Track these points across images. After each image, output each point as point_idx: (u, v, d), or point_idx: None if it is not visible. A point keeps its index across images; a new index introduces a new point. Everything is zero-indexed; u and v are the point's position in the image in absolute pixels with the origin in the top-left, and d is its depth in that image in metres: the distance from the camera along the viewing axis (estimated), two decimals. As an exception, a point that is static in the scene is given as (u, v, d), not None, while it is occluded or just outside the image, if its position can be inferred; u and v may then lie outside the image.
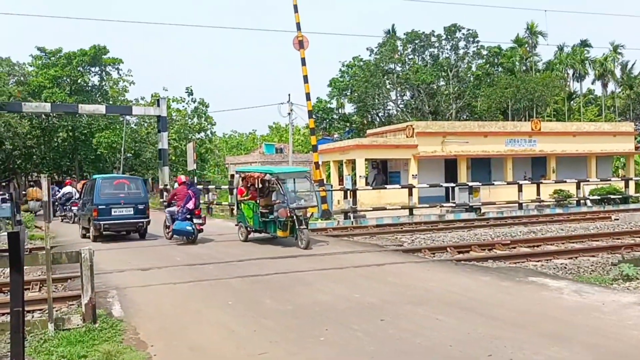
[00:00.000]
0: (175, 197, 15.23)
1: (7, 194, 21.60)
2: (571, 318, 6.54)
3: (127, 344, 5.97)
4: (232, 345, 5.86)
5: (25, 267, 4.90)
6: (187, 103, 47.80)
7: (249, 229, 14.51)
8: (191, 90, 46.47)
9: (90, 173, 47.93)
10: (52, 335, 6.13)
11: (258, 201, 14.03)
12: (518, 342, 5.60)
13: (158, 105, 33.58)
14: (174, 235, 14.77)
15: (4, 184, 40.04)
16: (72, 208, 21.90)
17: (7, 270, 5.50)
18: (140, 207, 16.05)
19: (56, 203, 21.08)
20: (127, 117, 42.61)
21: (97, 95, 47.11)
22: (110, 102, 44.34)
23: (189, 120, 47.87)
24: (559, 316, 6.64)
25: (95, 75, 47.71)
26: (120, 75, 48.67)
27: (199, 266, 10.90)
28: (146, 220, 16.05)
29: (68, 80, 45.14)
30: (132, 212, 15.85)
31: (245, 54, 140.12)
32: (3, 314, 7.25)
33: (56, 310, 7.14)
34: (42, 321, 6.47)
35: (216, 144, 52.36)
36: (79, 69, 44.84)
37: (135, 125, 47.98)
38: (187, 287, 9.01)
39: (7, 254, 4.46)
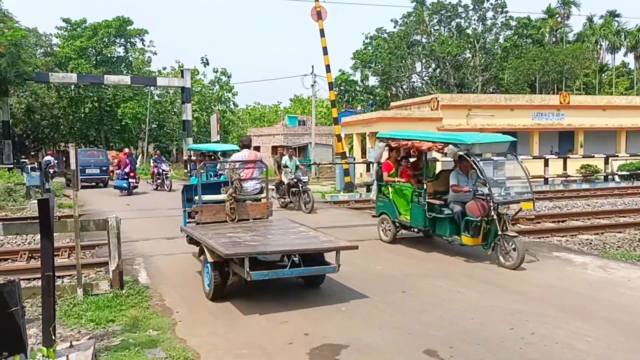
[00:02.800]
0: (120, 164, 22.74)
1: (36, 163, 22.12)
2: (595, 293, 6.48)
3: (153, 310, 6.13)
4: (254, 313, 5.96)
5: (54, 234, 5.02)
6: (203, 74, 47.73)
7: (398, 224, 9.62)
8: (207, 60, 46.33)
9: (116, 143, 48.65)
10: (81, 300, 6.33)
11: (425, 186, 8.94)
12: (540, 317, 5.57)
13: (182, 76, 33.68)
14: (115, 188, 21.60)
15: (32, 153, 40.90)
16: (50, 171, 23.30)
17: (38, 236, 5.64)
18: (104, 168, 25.70)
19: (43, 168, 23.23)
20: (152, 88, 42.86)
21: (122, 67, 47.45)
22: (135, 73, 44.60)
23: (210, 89, 47.87)
24: (583, 291, 6.57)
25: (120, 46, 47.96)
26: (144, 46, 48.86)
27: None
28: (107, 176, 25.66)
29: (93, 51, 45.49)
30: (98, 172, 25.25)
31: (267, 25, 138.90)
32: (34, 279, 7.49)
33: (85, 277, 7.34)
34: (71, 286, 6.67)
35: (239, 116, 52.42)
36: (104, 40, 45.10)
37: (158, 96, 48.31)
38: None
39: (37, 220, 4.57)
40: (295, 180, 15.05)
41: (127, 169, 21.16)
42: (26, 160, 27.26)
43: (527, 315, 5.64)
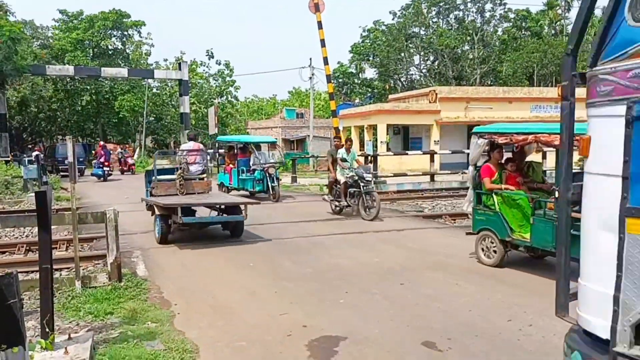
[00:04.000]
0: (96, 154, 26.49)
1: (33, 156, 22.06)
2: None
3: (151, 302, 6.13)
4: (252, 306, 5.97)
5: (52, 227, 5.00)
6: (207, 67, 47.58)
7: (508, 243, 7.42)
8: (212, 53, 46.19)
9: (114, 136, 48.52)
10: (80, 293, 6.32)
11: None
12: (539, 309, 5.59)
13: (180, 69, 33.55)
14: (92, 175, 25.19)
15: (30, 146, 40.79)
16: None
17: (36, 229, 5.64)
18: (80, 159, 25.94)
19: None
20: (149, 81, 42.72)
21: (119, 59, 47.24)
22: (132, 66, 44.44)
23: (213, 81, 47.68)
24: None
25: (117, 38, 47.73)
26: (141, 38, 48.63)
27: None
28: (83, 166, 27.70)
29: (90, 43, 45.26)
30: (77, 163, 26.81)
31: (265, 17, 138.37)
32: (33, 272, 7.48)
33: (83, 269, 7.33)
34: (69, 279, 6.67)
35: (237, 109, 52.34)
36: (101, 32, 44.88)
37: (156, 89, 48.15)
38: (209, 249, 9.15)
39: (35, 213, 4.55)
40: (356, 177, 11.94)
41: (102, 159, 25.21)
42: (34, 150, 28.33)
43: (525, 308, 5.66)
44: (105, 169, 24.97)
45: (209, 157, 12.06)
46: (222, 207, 10.38)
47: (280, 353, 4.65)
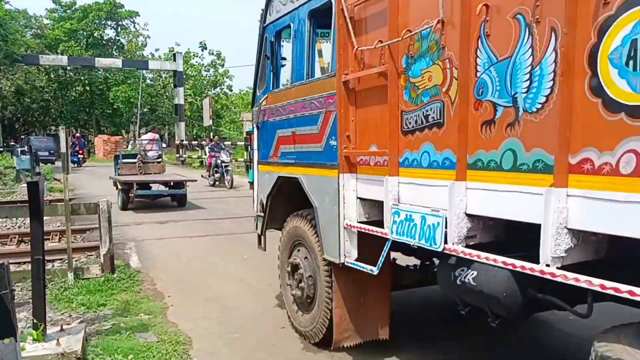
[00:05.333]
0: (73, 144, 28.12)
1: (26, 147, 21.92)
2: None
3: (144, 294, 6.11)
4: (246, 298, 5.96)
5: (45, 218, 4.97)
6: (200, 57, 47.28)
7: None
8: (204, 44, 45.93)
9: (107, 127, 48.27)
10: (72, 284, 6.28)
11: None
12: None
13: (174, 60, 33.37)
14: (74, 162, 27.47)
15: (22, 137, 40.54)
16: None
17: (28, 220, 5.59)
18: (52, 151, 30.45)
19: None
20: (144, 72, 42.44)
21: (114, 49, 46.90)
22: (127, 57, 44.14)
23: (205, 72, 47.39)
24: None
25: (111, 29, 47.39)
26: (136, 29, 48.27)
27: (215, 220, 11.02)
28: (54, 158, 29.31)
29: (84, 33, 44.90)
30: (47, 154, 29.32)
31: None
32: (25, 263, 7.43)
33: (75, 260, 7.29)
34: (62, 270, 6.63)
35: (232, 101, 52.08)
36: (95, 22, 44.53)
37: (151, 80, 47.86)
38: (204, 240, 9.14)
39: (27, 204, 4.51)
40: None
41: (77, 149, 29.53)
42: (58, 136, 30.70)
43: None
44: (79, 156, 29.74)
45: (164, 146, 17.36)
46: (172, 183, 13.38)
47: (274, 345, 4.65)
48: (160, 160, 14.80)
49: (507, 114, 2.64)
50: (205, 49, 47.34)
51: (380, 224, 3.62)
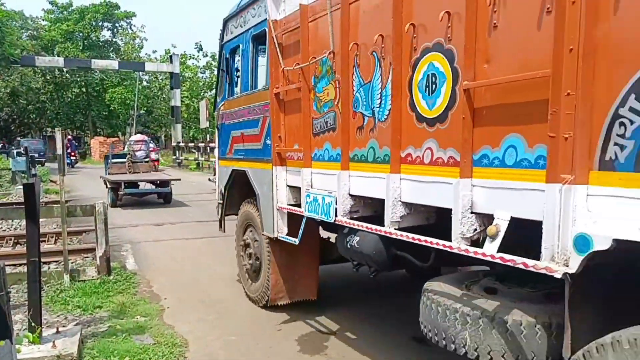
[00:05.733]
0: (65, 146, 26.86)
1: (22, 148, 21.84)
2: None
3: (140, 296, 6.10)
4: (243, 300, 5.95)
5: (41, 220, 4.95)
6: (197, 59, 47.18)
7: None
8: (200, 45, 45.91)
9: (104, 129, 48.14)
10: (68, 286, 6.27)
11: None
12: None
13: (171, 62, 33.30)
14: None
15: (19, 138, 40.40)
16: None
17: (24, 222, 5.57)
18: (41, 153, 31.28)
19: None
20: (140, 74, 42.37)
21: (110, 51, 46.78)
22: (124, 58, 44.04)
23: (200, 74, 47.33)
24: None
25: (107, 30, 47.27)
26: (133, 30, 48.18)
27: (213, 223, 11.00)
28: (43, 159, 30.40)
29: (81, 35, 44.79)
30: (36, 155, 26.22)
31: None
32: (20, 265, 7.41)
33: (71, 263, 7.27)
34: (58, 272, 6.61)
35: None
36: (91, 23, 44.42)
37: (147, 81, 47.77)
38: (200, 242, 9.12)
39: (23, 206, 4.50)
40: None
41: (69, 150, 29.58)
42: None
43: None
44: (72, 158, 30.74)
45: (151, 146, 17.17)
46: (158, 182, 14.24)
47: (270, 347, 4.64)
48: (148, 160, 15.87)
49: (370, 122, 3.67)
50: (202, 49, 47.29)
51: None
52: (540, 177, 2.39)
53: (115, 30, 47.63)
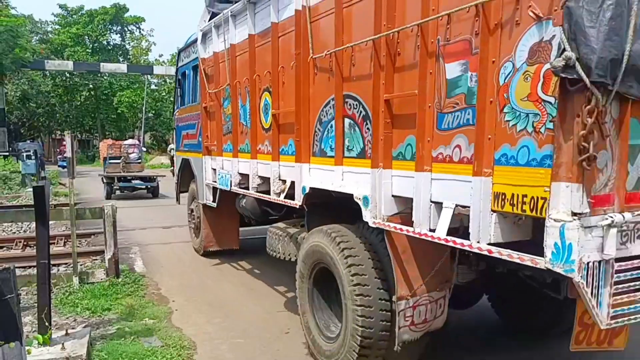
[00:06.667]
0: (61, 150, 30.61)
1: (32, 151, 22.01)
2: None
3: (149, 299, 6.12)
4: (250, 302, 5.96)
5: (50, 223, 4.99)
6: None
7: None
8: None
9: (112, 132, 48.38)
10: (77, 288, 6.30)
11: None
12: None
13: (179, 65, 33.32)
14: (58, 167, 30.34)
15: (29, 141, 40.70)
16: None
17: (33, 224, 5.61)
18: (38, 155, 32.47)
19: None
20: (148, 77, 42.57)
21: (119, 55, 47.05)
22: (132, 62, 44.27)
23: None
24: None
25: (116, 34, 47.56)
26: (141, 34, 48.44)
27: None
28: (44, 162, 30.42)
29: (90, 38, 45.10)
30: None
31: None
32: (30, 267, 7.46)
33: (80, 265, 7.31)
34: (67, 274, 6.65)
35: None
36: (100, 27, 44.71)
37: (156, 85, 47.96)
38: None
39: (33, 208, 4.53)
40: None
41: (67, 154, 31.03)
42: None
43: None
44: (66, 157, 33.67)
45: (144, 149, 20.04)
46: (147, 178, 17.61)
47: (278, 350, 4.65)
48: (140, 161, 18.91)
49: (245, 129, 5.83)
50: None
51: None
52: (291, 159, 4.76)
53: (124, 33, 47.92)
